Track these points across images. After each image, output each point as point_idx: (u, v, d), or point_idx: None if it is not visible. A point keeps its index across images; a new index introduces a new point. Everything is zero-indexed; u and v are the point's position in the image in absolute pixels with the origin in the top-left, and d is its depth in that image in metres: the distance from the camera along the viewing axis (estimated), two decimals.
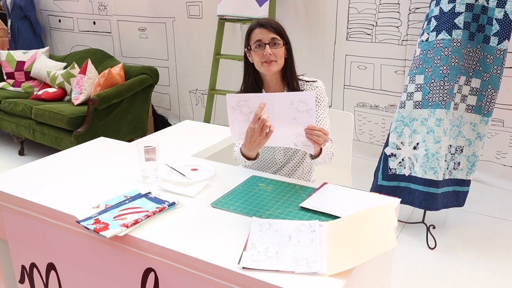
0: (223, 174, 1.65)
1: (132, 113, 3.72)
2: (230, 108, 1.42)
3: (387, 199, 1.39)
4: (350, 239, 1.18)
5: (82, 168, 1.73)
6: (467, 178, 2.46)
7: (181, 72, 4.29)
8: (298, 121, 1.39)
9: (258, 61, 1.56)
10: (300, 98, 1.37)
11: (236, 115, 1.42)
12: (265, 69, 1.56)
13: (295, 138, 1.42)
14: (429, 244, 2.44)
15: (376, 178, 2.53)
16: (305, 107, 1.37)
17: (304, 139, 1.41)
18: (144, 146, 1.55)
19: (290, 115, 1.39)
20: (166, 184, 1.54)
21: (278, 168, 1.76)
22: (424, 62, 2.33)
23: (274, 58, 1.54)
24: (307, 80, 1.68)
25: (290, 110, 1.38)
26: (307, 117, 1.38)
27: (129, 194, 1.47)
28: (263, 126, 1.38)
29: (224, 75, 3.85)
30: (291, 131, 1.41)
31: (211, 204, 1.41)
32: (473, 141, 2.41)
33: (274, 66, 1.56)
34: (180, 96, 4.37)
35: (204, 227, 1.29)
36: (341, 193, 1.46)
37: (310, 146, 1.43)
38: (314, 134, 1.38)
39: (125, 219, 1.31)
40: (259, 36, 1.53)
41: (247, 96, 1.41)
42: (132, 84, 3.63)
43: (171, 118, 4.46)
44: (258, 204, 1.40)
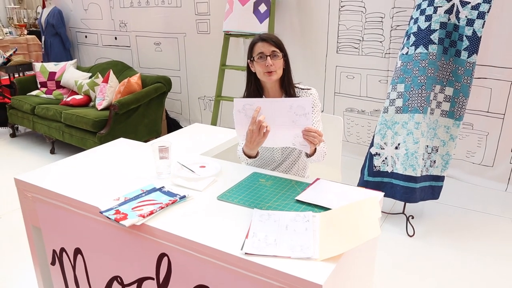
0: (228, 170, 1.64)
1: (148, 117, 3.71)
2: (237, 111, 1.42)
3: (372, 193, 1.39)
4: (340, 228, 1.18)
5: (104, 165, 1.73)
6: (441, 174, 2.45)
7: (191, 81, 4.28)
8: (296, 124, 1.38)
9: (260, 71, 1.56)
10: (298, 103, 1.37)
11: (241, 117, 1.42)
12: (266, 78, 1.57)
13: (294, 139, 1.42)
14: (409, 232, 2.44)
15: (362, 174, 2.52)
16: (303, 111, 1.37)
17: (301, 140, 1.41)
18: (159, 146, 1.55)
19: (289, 118, 1.38)
20: (177, 179, 1.53)
21: (276, 165, 1.75)
22: (404, 72, 2.33)
23: (274, 69, 1.54)
24: (303, 88, 1.67)
25: (290, 113, 1.38)
26: (304, 120, 1.37)
27: (145, 188, 1.47)
28: (260, 127, 1.37)
29: (229, 83, 3.84)
30: (290, 132, 1.40)
31: (217, 197, 1.41)
32: (447, 142, 2.41)
33: (274, 75, 1.56)
34: (190, 102, 4.36)
35: (211, 217, 1.29)
36: (332, 188, 1.46)
37: (306, 146, 1.43)
38: (310, 135, 1.38)
39: (141, 210, 1.31)
40: (261, 49, 1.53)
41: (252, 100, 1.41)
42: (148, 92, 3.63)
43: (182, 121, 4.46)
44: (259, 197, 1.40)
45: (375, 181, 2.47)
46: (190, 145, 2.05)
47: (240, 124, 1.42)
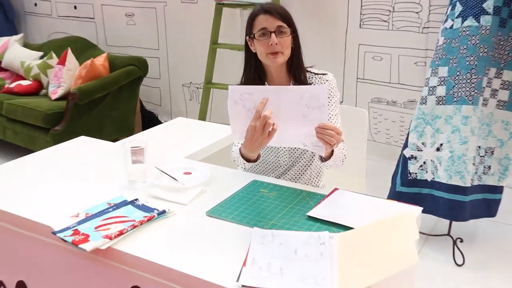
0: (221, 178, 1.63)
1: (118, 109, 3.71)
2: (232, 101, 1.41)
3: (406, 208, 1.38)
4: (365, 253, 1.17)
5: (60, 171, 1.72)
6: (499, 184, 2.44)
7: (173, 63, 4.28)
8: (308, 119, 1.38)
9: (263, 52, 1.55)
10: (311, 93, 1.37)
11: (238, 110, 1.41)
12: (270, 60, 1.56)
13: (304, 138, 1.42)
14: (456, 260, 2.43)
15: (394, 183, 2.52)
16: (317, 103, 1.36)
17: (314, 139, 1.40)
18: (131, 147, 1.55)
19: (299, 112, 1.38)
20: (155, 189, 1.53)
21: (282, 171, 1.74)
22: (448, 52, 2.32)
23: (280, 49, 1.54)
24: (316, 73, 1.67)
25: (300, 106, 1.37)
26: (318, 114, 1.37)
27: (113, 201, 1.46)
28: (266, 124, 1.37)
29: (221, 66, 3.84)
30: (299, 129, 1.40)
31: (206, 213, 1.40)
32: (506, 141, 2.40)
33: (280, 57, 1.56)
34: (172, 90, 4.36)
35: (198, 239, 1.28)
36: (354, 201, 1.45)
37: (320, 147, 1.42)
38: (326, 133, 1.37)
39: (108, 229, 1.30)
40: (263, 23, 1.53)
41: (252, 88, 1.41)
42: (118, 77, 3.63)
43: (161, 115, 4.46)
44: (260, 213, 1.39)
45: (411, 192, 2.46)
46: (172, 145, 2.05)
47: (237, 119, 1.42)
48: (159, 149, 1.94)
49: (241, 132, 1.44)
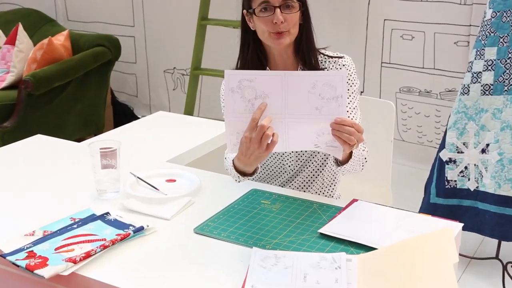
0: (212, 187, 1.64)
1: (83, 101, 3.72)
2: (228, 90, 1.42)
3: (443, 224, 1.39)
4: (390, 280, 1.18)
5: (10, 178, 1.73)
6: None
7: (152, 44, 4.29)
8: (322, 113, 1.39)
9: (264, 31, 1.56)
10: (326, 80, 1.37)
11: (235, 101, 1.41)
12: (274, 41, 1.57)
13: (317, 137, 1.42)
14: None
15: (427, 193, 2.52)
16: (333, 92, 1.37)
17: (329, 138, 1.41)
18: (100, 148, 1.56)
19: (311, 104, 1.39)
20: (131, 201, 1.54)
21: (287, 178, 1.76)
22: (497, 28, 2.33)
23: (286, 27, 1.55)
24: (331, 56, 1.68)
25: (312, 96, 1.38)
26: (335, 107, 1.38)
27: (78, 215, 1.47)
28: (263, 135, 1.37)
29: (213, 48, 3.85)
30: (311, 126, 1.41)
31: (194, 230, 1.41)
32: None
33: (286, 37, 1.57)
34: (151, 78, 4.37)
35: (184, 262, 1.29)
36: (378, 215, 1.46)
37: (336, 148, 1.42)
38: (344, 130, 1.38)
39: (71, 251, 1.31)
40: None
41: (253, 73, 1.41)
42: (83, 60, 3.63)
43: (138, 108, 4.46)
44: (261, 230, 1.40)
45: (449, 204, 2.47)
46: (152, 146, 2.06)
47: (233, 113, 1.42)
48: (136, 151, 1.95)
49: (237, 132, 1.43)
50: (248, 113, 1.41)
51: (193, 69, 3.69)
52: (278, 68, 1.66)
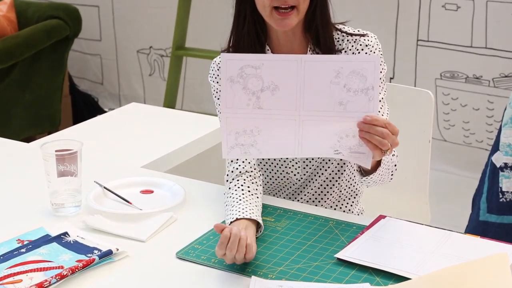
0: (199, 200, 1.65)
1: (33, 89, 3.72)
2: (227, 80, 1.43)
3: (496, 248, 1.39)
4: None
5: None
6: None
7: (122, 16, 4.29)
8: (347, 109, 1.40)
9: (266, 5, 1.58)
10: (354, 67, 1.38)
11: (235, 94, 1.42)
12: (276, 22, 1.58)
13: (338, 140, 1.42)
14: None
15: (476, 209, 2.53)
16: (362, 83, 1.39)
17: (354, 142, 1.41)
18: (56, 151, 1.56)
19: (333, 97, 1.40)
20: (96, 218, 1.54)
21: (295, 189, 1.77)
22: None
23: (294, 1, 1.56)
24: (351, 33, 1.69)
25: (335, 87, 1.39)
26: (364, 102, 1.39)
27: (28, 236, 1.47)
28: (239, 242, 1.35)
29: (200, 21, 3.85)
30: (332, 126, 1.41)
31: (176, 254, 1.42)
32: None
33: (293, 17, 1.58)
34: (120, 60, 4.37)
35: None
36: (411, 235, 1.46)
37: (364, 155, 1.42)
38: (376, 132, 1.38)
39: (19, 282, 1.31)
40: None
41: (260, 58, 1.42)
42: (32, 37, 3.63)
43: (104, 99, 4.47)
44: (262, 254, 1.40)
45: (504, 223, 2.47)
46: (122, 147, 2.06)
47: (232, 108, 1.43)
48: (102, 154, 1.96)
49: (236, 131, 1.43)
50: (252, 109, 1.42)
51: (175, 49, 3.69)
52: (280, 47, 1.67)
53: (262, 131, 1.43)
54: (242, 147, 1.45)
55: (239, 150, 1.46)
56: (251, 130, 1.43)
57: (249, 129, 1.44)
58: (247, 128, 1.43)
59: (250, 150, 1.45)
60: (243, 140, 1.45)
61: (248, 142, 1.44)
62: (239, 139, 1.44)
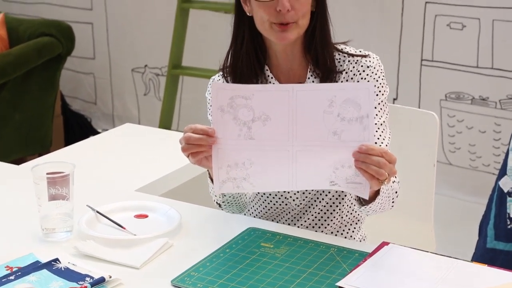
0: (195, 224, 1.65)
1: (24, 109, 3.72)
2: (217, 109, 1.44)
3: (506, 277, 1.39)
4: None
5: None
6: None
7: (116, 34, 4.31)
8: (341, 138, 1.40)
9: (264, 20, 1.59)
10: (348, 95, 1.39)
11: (226, 124, 1.44)
12: (276, 35, 1.60)
13: (334, 172, 1.42)
14: None
15: (483, 235, 2.52)
16: (356, 112, 1.39)
17: (350, 173, 1.42)
18: (47, 173, 1.56)
19: (327, 127, 1.41)
20: (88, 244, 1.54)
21: (294, 215, 1.78)
22: None
23: (293, 18, 1.57)
24: (352, 54, 1.70)
25: (329, 117, 1.40)
26: (358, 131, 1.39)
27: (17, 263, 1.47)
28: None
29: (197, 40, 3.87)
30: (327, 157, 1.42)
31: (172, 282, 1.41)
32: None
33: (293, 31, 1.59)
34: (114, 79, 4.38)
35: None
36: (415, 263, 1.46)
37: (361, 185, 1.43)
38: (371, 162, 1.39)
39: None
40: None
41: (250, 89, 1.43)
42: (23, 55, 3.64)
43: (97, 119, 4.47)
44: (261, 282, 1.40)
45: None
46: (116, 171, 2.07)
47: (223, 139, 1.44)
48: (95, 177, 1.96)
49: (228, 164, 1.44)
50: (243, 140, 1.43)
51: (172, 68, 3.71)
52: (280, 68, 1.68)
53: (255, 164, 1.45)
54: (235, 181, 1.47)
55: (231, 184, 1.47)
56: (243, 163, 1.45)
57: (241, 161, 1.45)
58: (239, 161, 1.45)
59: (243, 184, 1.47)
60: (235, 173, 1.46)
61: (241, 175, 1.46)
62: (231, 173, 1.45)
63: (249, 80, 1.66)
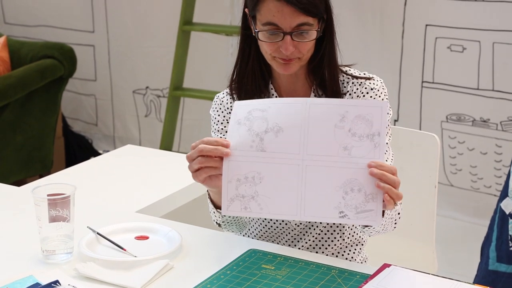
0: (196, 246, 1.65)
1: (25, 130, 3.73)
2: (235, 123, 1.46)
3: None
4: None
5: None
6: None
7: (117, 56, 4.32)
8: (351, 154, 1.41)
9: (267, 53, 1.62)
10: (360, 112, 1.40)
11: (240, 135, 1.45)
12: (279, 66, 1.63)
13: (343, 197, 1.41)
14: None
15: (485, 257, 2.52)
16: (368, 128, 1.40)
17: (360, 199, 1.39)
18: (48, 195, 1.56)
19: (338, 141, 1.41)
20: (88, 265, 1.54)
21: (295, 236, 1.78)
22: None
23: (296, 55, 1.60)
24: (356, 76, 1.71)
25: (340, 132, 1.41)
26: (369, 148, 1.40)
27: (17, 285, 1.46)
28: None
29: (198, 61, 3.87)
30: (336, 175, 1.41)
31: None
32: None
33: (296, 64, 1.62)
34: (115, 100, 4.39)
35: None
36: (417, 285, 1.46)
37: (372, 212, 1.40)
38: (387, 179, 1.38)
39: None
40: (275, 16, 1.57)
41: (266, 102, 1.45)
42: (25, 77, 3.65)
43: (98, 140, 4.47)
44: None
45: None
46: (117, 192, 2.06)
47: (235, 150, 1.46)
48: (95, 198, 1.96)
49: (237, 178, 1.45)
50: (254, 151, 1.44)
51: (173, 89, 3.71)
52: (283, 88, 1.70)
53: (264, 179, 1.44)
54: (243, 199, 1.46)
55: (239, 204, 1.46)
56: (253, 177, 1.45)
57: (250, 175, 1.45)
58: (249, 175, 1.45)
59: (250, 205, 1.46)
60: (243, 190, 1.45)
61: (249, 193, 1.45)
62: (240, 189, 1.45)
63: (253, 97, 1.68)
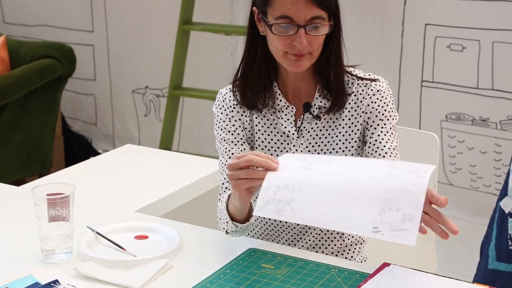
0: (196, 246, 1.65)
1: (25, 130, 3.73)
2: (288, 156, 1.51)
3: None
4: None
5: None
6: None
7: (117, 55, 4.33)
8: (395, 179, 1.39)
9: (278, 48, 1.61)
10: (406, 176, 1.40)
11: (291, 158, 1.49)
12: (291, 64, 1.63)
13: (380, 214, 1.35)
14: None
15: (484, 256, 2.52)
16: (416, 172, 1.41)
17: (397, 218, 1.34)
18: (47, 194, 1.56)
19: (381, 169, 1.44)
20: (88, 265, 1.54)
21: (294, 235, 1.78)
22: None
23: (308, 50, 1.60)
24: (361, 77, 1.72)
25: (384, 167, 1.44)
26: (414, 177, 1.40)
27: (16, 285, 1.47)
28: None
29: (197, 61, 3.87)
30: (374, 193, 1.38)
31: None
32: None
33: (307, 60, 1.62)
34: (114, 100, 4.39)
35: None
36: (416, 284, 1.46)
37: (407, 232, 1.35)
38: (442, 221, 1.44)
39: None
40: (289, 9, 1.57)
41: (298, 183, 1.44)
42: (24, 77, 3.65)
43: (97, 140, 4.47)
44: None
45: None
46: (116, 191, 2.06)
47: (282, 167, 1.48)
48: (95, 198, 1.96)
49: (278, 184, 1.45)
50: (300, 170, 1.45)
51: (172, 89, 3.71)
52: (288, 86, 1.71)
53: (304, 188, 1.42)
54: (278, 203, 1.42)
55: (273, 207, 1.42)
56: (293, 185, 1.43)
57: (291, 183, 1.43)
58: (289, 182, 1.43)
59: (284, 209, 1.42)
60: (281, 195, 1.42)
61: (286, 198, 1.42)
62: (277, 193, 1.42)
63: (258, 95, 1.69)
